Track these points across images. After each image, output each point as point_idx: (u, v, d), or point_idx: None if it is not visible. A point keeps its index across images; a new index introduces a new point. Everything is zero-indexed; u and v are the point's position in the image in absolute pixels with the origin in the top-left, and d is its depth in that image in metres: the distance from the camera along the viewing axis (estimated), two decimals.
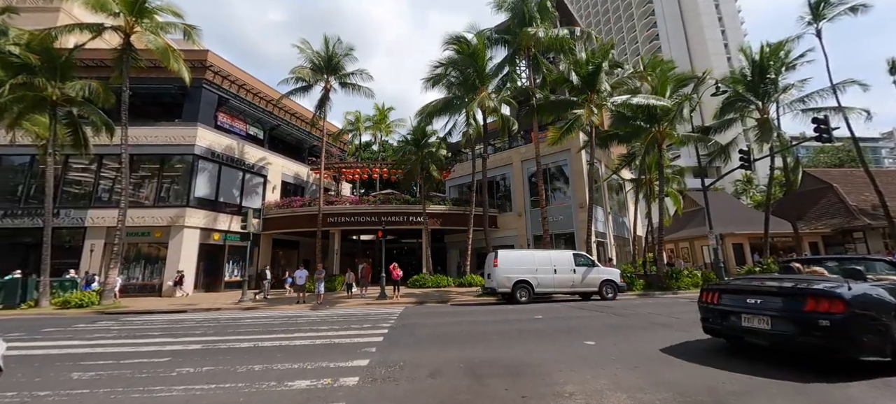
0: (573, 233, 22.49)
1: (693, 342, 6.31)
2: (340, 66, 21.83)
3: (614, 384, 4.22)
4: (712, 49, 69.64)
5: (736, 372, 4.52)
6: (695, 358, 5.25)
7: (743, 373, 4.45)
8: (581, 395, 3.89)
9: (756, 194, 50.86)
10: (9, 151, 19.32)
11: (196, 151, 20.00)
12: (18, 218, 18.88)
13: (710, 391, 3.89)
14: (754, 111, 20.45)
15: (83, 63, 17.94)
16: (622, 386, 4.16)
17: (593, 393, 3.97)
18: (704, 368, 4.72)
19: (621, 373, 4.61)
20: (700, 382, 4.20)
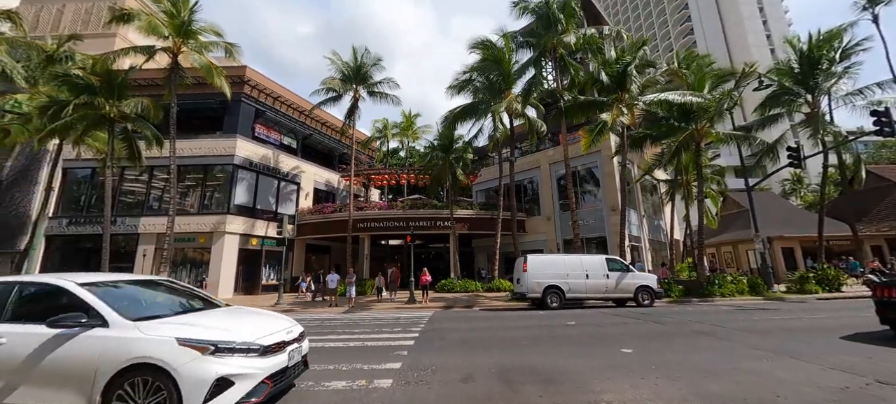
0: (605, 237, 21.76)
1: (740, 351, 5.93)
2: (368, 76, 22.44)
3: (655, 394, 4.05)
4: (753, 41, 65.58)
5: (788, 380, 4.20)
6: (740, 367, 4.93)
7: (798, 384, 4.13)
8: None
9: (807, 194, 47.18)
10: (74, 165, 21.28)
11: (235, 161, 21.16)
12: (81, 225, 20.69)
13: None
14: (803, 105, 19.00)
15: (136, 82, 19.49)
16: (664, 397, 3.98)
17: (632, 402, 3.83)
18: (751, 377, 4.42)
19: (662, 384, 4.41)
20: (753, 394, 3.94)
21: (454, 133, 22.60)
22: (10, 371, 3.23)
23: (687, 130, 16.41)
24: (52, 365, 3.21)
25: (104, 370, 3.15)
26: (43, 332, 3.30)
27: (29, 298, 3.72)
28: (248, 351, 3.44)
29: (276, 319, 4.25)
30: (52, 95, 16.44)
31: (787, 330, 7.97)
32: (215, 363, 3.27)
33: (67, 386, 3.17)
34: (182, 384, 3.11)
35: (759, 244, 17.50)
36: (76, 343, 3.27)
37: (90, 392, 3.12)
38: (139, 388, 3.13)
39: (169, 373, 3.13)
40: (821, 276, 16.14)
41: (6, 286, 3.69)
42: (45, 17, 25.87)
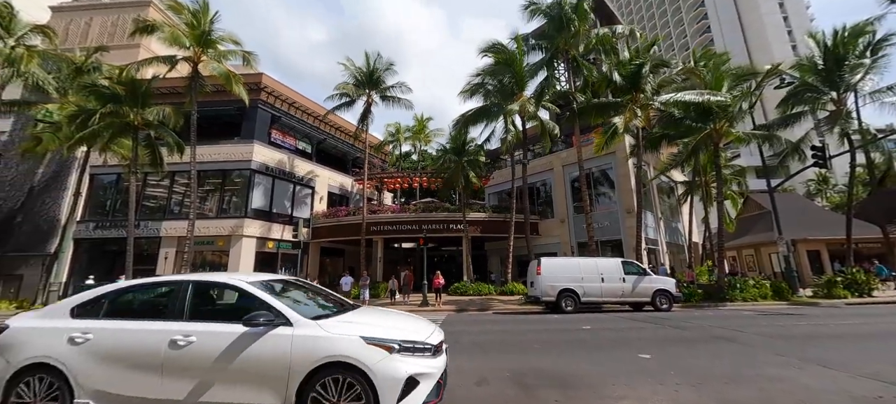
0: (620, 240, 21.39)
1: (764, 357, 5.74)
2: (381, 81, 22.70)
3: (675, 401, 3.96)
4: (773, 36, 63.64)
5: (816, 388, 4.04)
6: (764, 374, 4.77)
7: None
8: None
9: (833, 195, 45.39)
10: (100, 171, 22.15)
11: (252, 166, 21.66)
12: (107, 229, 21.50)
13: None
14: (828, 103, 18.31)
15: (158, 91, 20.20)
16: (684, 403, 3.88)
17: None
18: (776, 384, 4.28)
19: (683, 390, 4.31)
20: (778, 402, 3.81)
21: (466, 136, 22.63)
22: (204, 369, 3.21)
23: (705, 130, 16.03)
24: (245, 363, 3.18)
25: (298, 368, 3.13)
26: (232, 330, 3.28)
27: (204, 297, 3.80)
28: (425, 350, 3.42)
29: (420, 319, 4.18)
30: (81, 105, 17.19)
31: (814, 336, 7.68)
32: (402, 362, 3.24)
33: (262, 384, 3.15)
34: (377, 383, 3.08)
35: (783, 247, 16.90)
36: (267, 341, 3.24)
37: (285, 390, 3.11)
38: (330, 387, 3.10)
39: (363, 372, 3.10)
40: (849, 281, 15.47)
41: (180, 285, 3.65)
42: (73, 30, 27.07)
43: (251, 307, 3.44)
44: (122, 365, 3.25)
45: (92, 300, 3.61)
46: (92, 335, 3.33)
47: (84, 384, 3.19)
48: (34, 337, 3.41)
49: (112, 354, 3.28)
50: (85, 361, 3.25)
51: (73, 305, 3.58)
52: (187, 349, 3.25)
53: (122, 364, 3.26)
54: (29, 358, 3.28)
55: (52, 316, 3.57)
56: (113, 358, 3.26)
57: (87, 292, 3.73)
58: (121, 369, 3.25)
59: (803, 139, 18.82)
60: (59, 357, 3.27)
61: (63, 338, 3.34)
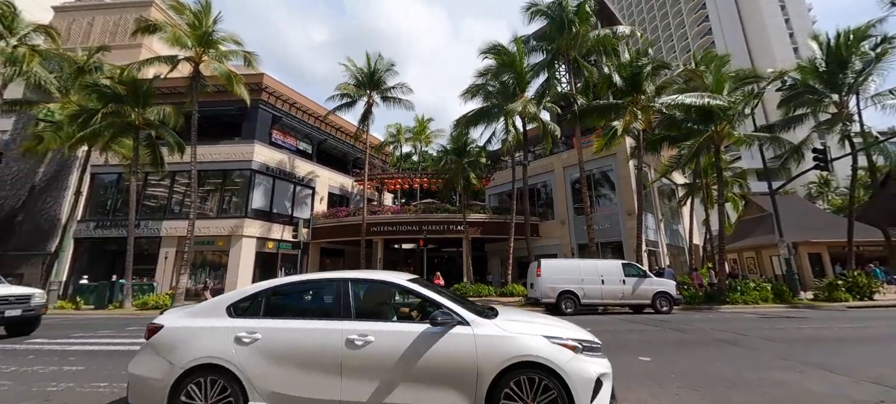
0: (621, 242, 21.35)
1: (766, 360, 5.71)
2: (382, 81, 22.72)
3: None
4: (775, 38, 63.62)
5: (818, 392, 4.01)
6: (766, 377, 4.74)
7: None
8: None
9: (835, 198, 45.31)
10: (101, 171, 22.18)
11: (253, 166, 21.68)
12: (107, 228, 21.52)
13: None
14: (829, 105, 18.27)
15: (159, 90, 20.24)
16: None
17: None
18: (778, 388, 4.24)
19: (683, 393, 4.28)
20: None
21: (467, 137, 22.62)
22: (386, 370, 3.09)
23: (706, 132, 16.00)
24: (429, 364, 3.06)
25: (486, 369, 3.02)
26: (411, 330, 3.19)
27: (366, 296, 3.70)
28: (598, 350, 3.35)
29: (563, 320, 4.01)
30: (82, 104, 17.22)
31: (816, 339, 7.63)
32: (589, 362, 3.15)
33: (449, 385, 3.03)
34: (571, 384, 2.97)
35: (784, 249, 16.85)
36: (449, 341, 3.12)
37: (474, 391, 3.00)
38: (525, 387, 3.00)
39: (555, 372, 3.00)
40: (851, 284, 15.41)
41: (339, 283, 3.52)
42: (75, 30, 27.14)
43: (416, 305, 3.42)
44: (296, 366, 3.14)
45: (248, 298, 3.48)
46: (260, 335, 3.20)
47: (258, 386, 3.07)
48: (197, 337, 3.27)
49: (285, 354, 3.16)
50: (256, 362, 3.13)
51: (228, 304, 3.45)
52: (366, 349, 3.14)
53: (296, 364, 3.14)
54: (197, 358, 3.15)
55: (207, 315, 3.44)
56: (286, 359, 3.14)
57: (240, 290, 3.60)
58: (295, 370, 3.13)
59: (805, 141, 18.78)
60: (229, 357, 3.14)
61: (229, 338, 3.21)
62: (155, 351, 3.28)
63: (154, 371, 3.18)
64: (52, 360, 6.51)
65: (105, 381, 5.09)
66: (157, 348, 3.28)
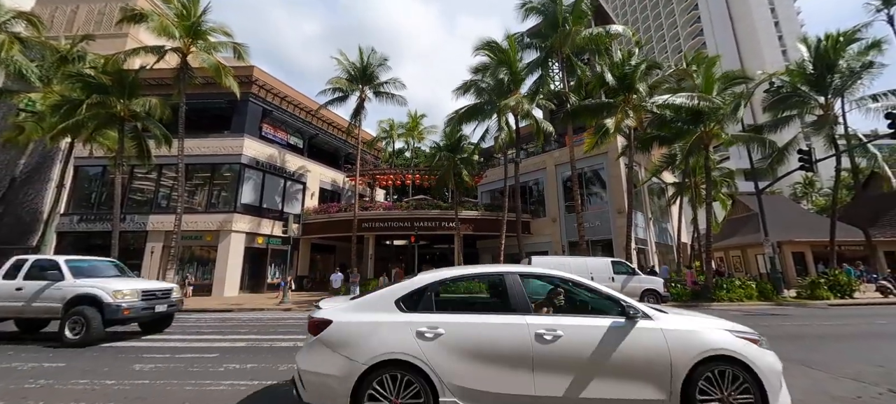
0: (611, 240, 21.56)
1: None
2: (375, 76, 22.51)
3: None
4: (765, 41, 64.66)
5: (797, 387, 4.09)
6: None
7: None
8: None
9: (819, 198, 46.37)
10: (85, 163, 21.65)
11: (242, 161, 21.36)
12: (92, 222, 21.04)
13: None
14: (816, 107, 18.64)
15: (146, 82, 19.77)
16: None
17: None
18: None
19: None
20: None
21: (460, 133, 22.57)
22: (578, 364, 3.06)
23: (696, 133, 16.21)
24: (622, 358, 3.07)
25: (680, 362, 3.03)
26: (598, 324, 3.19)
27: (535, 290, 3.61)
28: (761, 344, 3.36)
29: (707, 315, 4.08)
30: (65, 94, 16.74)
31: (797, 336, 7.80)
32: (772, 354, 3.20)
33: (644, 378, 3.04)
34: (763, 376, 3.01)
35: (769, 248, 17.20)
36: (638, 335, 3.14)
37: (668, 384, 3.01)
38: (716, 381, 3.02)
39: (746, 365, 3.03)
40: (833, 282, 15.80)
41: (509, 276, 3.49)
42: (59, 18, 26.39)
43: (590, 301, 3.51)
44: (486, 361, 3.07)
45: (416, 291, 3.40)
46: (443, 330, 3.12)
47: (447, 381, 3.00)
48: (374, 332, 3.17)
49: (472, 349, 3.09)
50: (443, 357, 3.05)
51: (396, 298, 3.37)
52: (557, 343, 3.11)
53: (485, 359, 3.08)
54: (381, 354, 3.05)
55: (375, 310, 3.33)
56: (474, 354, 3.07)
57: (405, 284, 3.52)
58: (485, 364, 3.07)
59: (791, 143, 19.14)
60: (415, 353, 3.06)
61: (410, 333, 3.13)
62: (328, 346, 3.17)
63: (333, 367, 3.09)
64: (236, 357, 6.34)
65: (85, 379, 4.97)
66: (330, 344, 3.17)
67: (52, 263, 8.01)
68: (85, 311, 7.23)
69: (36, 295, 7.64)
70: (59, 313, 7.41)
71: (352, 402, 2.98)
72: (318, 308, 3.46)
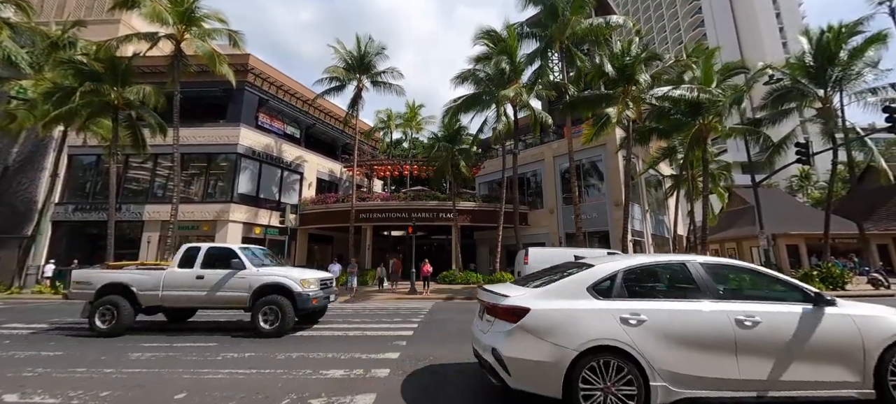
0: (608, 232, 21.67)
1: None
2: (372, 65, 22.27)
3: None
4: (766, 32, 64.30)
5: None
6: None
7: None
8: None
9: (814, 191, 46.67)
10: (79, 152, 21.41)
11: (239, 150, 21.19)
12: (87, 212, 20.90)
13: None
14: (814, 101, 18.61)
15: (140, 70, 19.47)
16: None
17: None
18: None
19: None
20: None
21: (458, 124, 22.45)
22: (776, 348, 3.22)
23: (694, 125, 16.19)
24: (817, 341, 3.24)
25: (871, 345, 3.24)
26: (790, 310, 3.36)
27: (718, 278, 3.67)
28: None
29: None
30: (57, 81, 16.48)
31: None
32: None
33: (839, 361, 3.22)
34: None
35: (764, 241, 17.35)
36: (830, 321, 3.33)
37: (862, 366, 3.21)
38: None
39: None
40: (825, 274, 15.99)
41: (690, 264, 3.61)
42: (49, 3, 25.83)
43: (767, 290, 3.63)
44: (691, 346, 3.18)
45: (606, 279, 3.49)
46: (645, 316, 3.23)
47: (656, 366, 3.12)
48: (579, 319, 3.26)
49: (677, 335, 3.20)
50: (649, 343, 3.16)
51: (587, 285, 3.46)
52: (757, 329, 3.25)
53: (691, 344, 3.19)
54: (592, 340, 3.15)
55: (570, 296, 3.41)
56: (679, 339, 3.19)
57: (594, 271, 3.59)
58: (691, 350, 3.17)
59: (789, 136, 19.15)
60: (623, 339, 3.16)
61: (613, 320, 3.23)
62: (532, 334, 3.24)
63: (541, 354, 3.17)
64: None
65: (83, 367, 4.99)
66: (534, 331, 3.25)
67: (227, 251, 7.84)
68: (278, 301, 7.12)
69: (220, 284, 7.45)
70: (246, 303, 7.31)
71: (564, 386, 3.09)
72: (504, 295, 3.53)
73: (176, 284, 7.52)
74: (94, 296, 7.45)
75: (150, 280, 7.57)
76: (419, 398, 3.88)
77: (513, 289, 3.73)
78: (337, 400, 3.78)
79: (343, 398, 3.85)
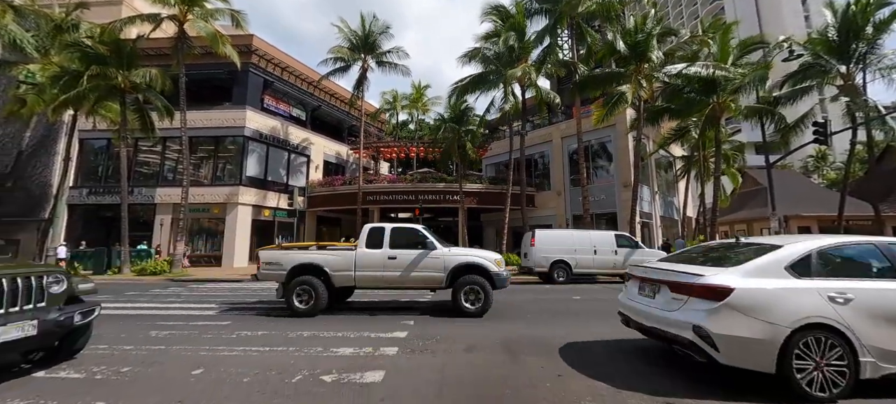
0: (615, 214, 21.50)
1: None
2: (377, 45, 21.90)
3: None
4: (787, 6, 61.43)
5: None
6: None
7: None
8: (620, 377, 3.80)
9: (830, 172, 45.51)
10: (89, 136, 21.67)
11: (246, 133, 21.24)
12: (100, 195, 21.32)
13: None
14: (836, 78, 17.87)
15: (144, 52, 19.41)
16: None
17: (634, 375, 3.85)
18: None
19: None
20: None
21: (465, 105, 22.16)
22: None
23: (708, 104, 15.71)
24: None
25: None
26: None
27: None
28: None
29: None
30: (64, 65, 16.52)
31: None
32: None
33: None
34: None
35: (775, 222, 17.07)
36: None
37: None
38: None
39: None
40: None
41: (870, 244, 3.77)
42: None
43: None
44: None
45: (803, 259, 3.61)
46: (851, 294, 3.38)
47: (864, 343, 3.28)
48: (787, 297, 3.39)
49: (883, 313, 3.37)
50: (858, 320, 3.32)
51: (785, 264, 3.56)
52: None
53: None
54: (803, 318, 3.30)
55: (769, 275, 3.54)
56: (885, 317, 3.36)
57: (788, 250, 3.68)
58: None
59: (806, 115, 18.51)
60: (833, 317, 3.31)
61: (821, 298, 3.37)
62: (740, 312, 3.36)
63: (752, 331, 3.31)
64: None
65: (104, 344, 5.19)
66: (741, 309, 3.36)
67: (412, 231, 7.82)
68: (479, 281, 7.16)
69: (414, 264, 7.40)
70: (441, 282, 7.37)
71: (777, 361, 3.23)
72: (695, 275, 3.63)
73: (368, 265, 7.44)
74: (286, 278, 7.39)
75: (343, 261, 7.51)
76: (427, 375, 3.96)
77: (689, 268, 3.85)
78: (347, 377, 3.88)
79: (353, 375, 3.95)
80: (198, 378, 3.90)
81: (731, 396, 3.38)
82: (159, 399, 3.37)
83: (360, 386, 3.64)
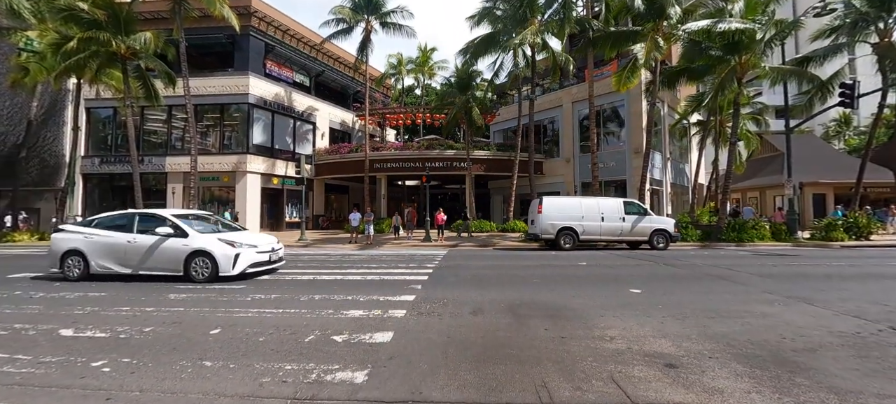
0: (625, 181, 21.22)
1: (752, 295, 5.92)
2: (380, 4, 21.00)
3: (659, 332, 4.14)
4: None
5: (798, 324, 4.20)
6: (750, 310, 4.94)
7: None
8: (622, 339, 3.87)
9: (852, 138, 43.74)
10: (95, 105, 21.70)
11: (250, 100, 21.03)
12: (112, 164, 21.65)
13: (765, 345, 3.67)
14: (872, 34, 16.65)
15: (143, 16, 18.93)
16: (667, 334, 4.06)
17: (636, 338, 3.93)
18: (760, 320, 4.44)
19: (668, 322, 4.49)
20: (759, 336, 3.97)
21: (472, 69, 21.47)
22: None
23: (730, 64, 14.86)
24: None
25: None
26: None
27: None
28: None
29: None
30: (62, 31, 16.22)
31: (804, 275, 7.85)
32: None
33: None
34: None
35: (790, 189, 16.69)
36: None
37: None
38: None
39: None
40: (850, 224, 15.45)
41: None
42: None
43: None
44: None
45: None
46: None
47: None
48: None
49: None
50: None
51: None
52: None
53: None
54: None
55: None
56: None
57: None
58: None
59: (834, 76, 17.45)
60: None
61: None
62: None
63: None
64: None
65: (126, 306, 5.44)
66: None
67: None
68: None
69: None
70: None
71: None
72: None
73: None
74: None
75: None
76: (434, 337, 4.10)
77: None
78: (358, 337, 4.04)
79: (363, 335, 4.10)
80: (215, 337, 4.10)
81: None
82: (181, 356, 3.56)
83: (370, 346, 3.78)
